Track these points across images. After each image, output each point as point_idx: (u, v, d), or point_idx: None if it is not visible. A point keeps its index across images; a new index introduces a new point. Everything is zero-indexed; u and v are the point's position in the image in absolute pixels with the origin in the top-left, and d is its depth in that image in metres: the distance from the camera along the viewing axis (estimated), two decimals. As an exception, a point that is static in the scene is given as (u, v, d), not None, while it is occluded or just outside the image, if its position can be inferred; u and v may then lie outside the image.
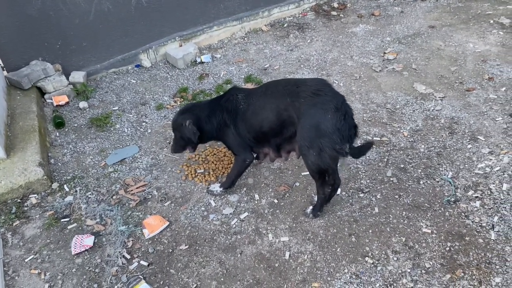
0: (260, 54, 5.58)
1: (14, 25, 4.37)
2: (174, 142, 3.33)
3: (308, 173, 3.55)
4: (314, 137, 2.65)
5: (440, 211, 3.16)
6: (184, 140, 3.25)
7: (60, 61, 4.85)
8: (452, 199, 3.24)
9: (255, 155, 3.30)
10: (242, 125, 3.10)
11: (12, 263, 2.96)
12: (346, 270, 2.79)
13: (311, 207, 3.20)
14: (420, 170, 3.54)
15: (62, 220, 3.29)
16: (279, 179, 3.58)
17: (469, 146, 3.72)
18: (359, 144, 2.79)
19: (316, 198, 3.26)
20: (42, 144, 3.83)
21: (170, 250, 3.01)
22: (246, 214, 3.27)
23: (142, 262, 2.92)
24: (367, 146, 2.73)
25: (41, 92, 4.67)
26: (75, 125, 4.38)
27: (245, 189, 3.50)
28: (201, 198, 3.44)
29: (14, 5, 4.28)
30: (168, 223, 3.21)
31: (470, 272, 2.71)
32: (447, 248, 2.88)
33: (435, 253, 2.85)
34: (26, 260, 2.98)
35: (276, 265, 2.86)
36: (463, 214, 3.12)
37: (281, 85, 2.99)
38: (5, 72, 4.54)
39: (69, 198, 3.48)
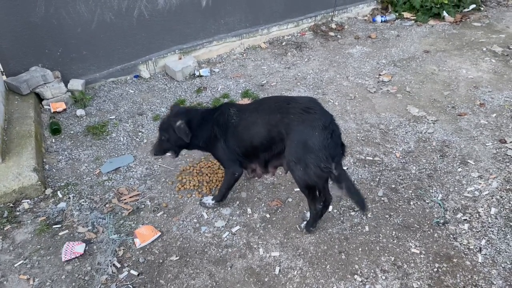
0: (258, 70, 5.67)
1: (16, 31, 4.43)
2: (158, 143, 3.27)
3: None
4: (301, 152, 2.69)
5: (429, 232, 3.21)
6: (169, 143, 3.21)
7: (60, 68, 4.89)
8: (441, 221, 3.30)
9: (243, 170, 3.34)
10: (233, 140, 3.13)
11: (1, 267, 2.95)
12: (335, 287, 2.81)
13: (305, 222, 3.24)
14: (411, 191, 3.60)
15: (53, 226, 3.29)
16: (272, 194, 3.61)
17: (459, 169, 3.80)
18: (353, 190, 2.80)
19: (308, 215, 3.30)
20: (37, 149, 3.85)
21: (161, 261, 3.02)
22: (238, 227, 3.29)
23: (132, 272, 2.92)
24: (353, 190, 2.78)
25: (39, 98, 4.70)
26: (72, 132, 4.41)
27: (238, 202, 3.53)
28: (194, 210, 3.46)
29: (17, 12, 4.34)
30: (159, 233, 3.22)
31: (457, 294, 2.75)
32: (435, 269, 2.92)
33: (423, 274, 2.89)
34: (15, 265, 2.97)
35: (266, 279, 2.88)
36: (451, 236, 3.17)
37: (272, 101, 3.05)
38: (4, 77, 4.57)
39: (62, 205, 3.48)
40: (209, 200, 3.47)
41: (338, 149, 2.74)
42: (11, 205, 3.44)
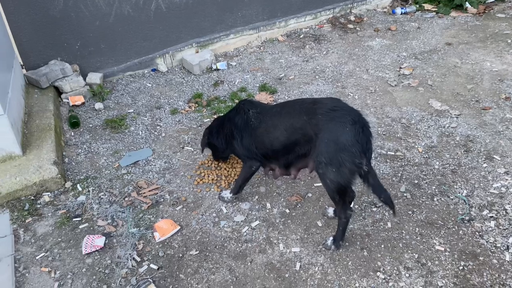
0: (275, 63, 5.60)
1: (35, 25, 4.45)
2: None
3: (321, 184, 3.55)
4: (334, 151, 2.60)
5: (454, 229, 3.12)
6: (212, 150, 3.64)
7: (78, 62, 4.91)
8: (466, 217, 3.21)
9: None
10: (250, 140, 3.12)
11: (23, 259, 2.97)
12: (357, 284, 2.76)
13: (331, 238, 3.00)
14: (434, 187, 3.51)
15: (74, 219, 3.30)
16: (291, 189, 3.56)
17: (485, 165, 3.69)
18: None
19: (330, 210, 3.25)
20: (57, 143, 3.86)
21: (180, 255, 3.00)
22: (257, 222, 3.26)
23: (152, 266, 2.91)
24: (386, 198, 2.70)
25: (58, 91, 4.73)
26: (90, 125, 4.42)
27: (256, 197, 3.50)
28: (213, 204, 3.44)
29: (37, 5, 4.36)
30: (179, 227, 3.20)
31: (484, 293, 2.67)
32: (461, 267, 2.84)
33: (448, 272, 2.81)
34: (37, 258, 2.98)
35: (287, 275, 2.84)
36: (477, 233, 3.08)
37: (297, 104, 2.99)
38: (24, 71, 4.60)
39: (82, 198, 3.49)
40: (227, 194, 3.44)
41: (369, 144, 2.66)
42: (32, 197, 3.47)
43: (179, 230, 3.19)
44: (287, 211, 3.35)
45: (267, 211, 3.36)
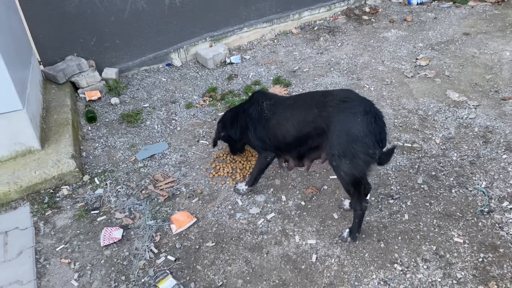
0: (289, 56, 5.57)
1: (52, 21, 4.51)
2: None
3: (336, 176, 3.53)
4: (346, 143, 2.57)
5: (472, 221, 3.08)
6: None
7: (94, 57, 4.96)
8: (486, 209, 3.15)
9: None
10: (263, 132, 3.12)
11: (43, 251, 3.03)
12: (374, 276, 2.74)
13: (347, 230, 2.98)
14: (452, 179, 3.46)
15: (92, 212, 3.35)
16: (306, 181, 3.55)
17: (504, 156, 3.62)
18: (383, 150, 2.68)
19: (346, 202, 3.23)
20: (74, 137, 3.92)
21: (197, 247, 3.03)
22: (272, 214, 3.26)
23: (169, 257, 2.94)
24: (391, 150, 2.64)
25: (75, 86, 4.79)
26: (107, 120, 4.47)
27: (272, 189, 3.50)
28: (228, 197, 3.45)
29: (53, 2, 4.42)
30: (195, 219, 3.23)
31: (504, 285, 2.62)
32: (480, 259, 2.80)
33: (467, 264, 2.77)
34: (57, 249, 3.04)
35: (303, 267, 2.84)
36: (497, 225, 3.02)
37: (309, 97, 2.98)
38: (41, 67, 4.67)
39: (99, 191, 3.54)
40: (242, 186, 3.45)
41: (383, 134, 2.62)
42: (51, 191, 3.53)
43: (195, 222, 3.21)
44: (303, 203, 3.34)
45: (283, 203, 3.36)
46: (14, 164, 3.53)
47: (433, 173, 3.52)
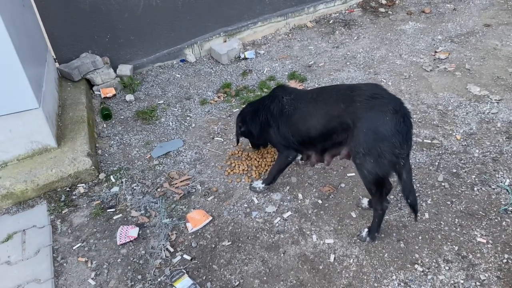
0: (304, 50, 5.49)
1: (67, 19, 4.51)
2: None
3: (354, 174, 3.46)
4: (372, 142, 2.49)
5: (496, 220, 2.98)
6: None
7: (108, 54, 4.96)
8: (510, 208, 3.05)
9: (299, 156, 3.25)
10: (286, 128, 3.04)
11: (60, 249, 3.04)
12: (394, 277, 2.68)
13: (366, 230, 2.92)
14: (474, 176, 3.36)
15: (108, 210, 3.35)
16: (323, 179, 3.49)
17: (529, 152, 3.50)
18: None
19: (364, 201, 3.16)
20: (90, 135, 3.92)
21: (213, 246, 3.00)
22: (289, 213, 3.21)
23: (185, 256, 2.92)
24: (413, 200, 2.58)
25: (90, 84, 4.79)
26: (122, 117, 4.47)
27: (288, 187, 3.45)
28: (244, 195, 3.41)
29: (67, -1, 4.42)
30: (211, 218, 3.20)
31: (530, 288, 2.54)
32: (504, 260, 2.71)
33: (491, 265, 2.69)
34: (74, 248, 3.05)
35: (321, 267, 2.79)
36: (522, 224, 2.93)
37: (334, 90, 2.87)
38: (57, 64, 4.68)
39: (115, 189, 3.54)
40: (259, 184, 3.40)
41: (409, 134, 2.53)
42: (68, 189, 3.54)
43: (211, 221, 3.19)
44: (320, 201, 3.29)
45: (299, 201, 3.31)
46: (31, 162, 3.54)
47: (454, 171, 3.42)
